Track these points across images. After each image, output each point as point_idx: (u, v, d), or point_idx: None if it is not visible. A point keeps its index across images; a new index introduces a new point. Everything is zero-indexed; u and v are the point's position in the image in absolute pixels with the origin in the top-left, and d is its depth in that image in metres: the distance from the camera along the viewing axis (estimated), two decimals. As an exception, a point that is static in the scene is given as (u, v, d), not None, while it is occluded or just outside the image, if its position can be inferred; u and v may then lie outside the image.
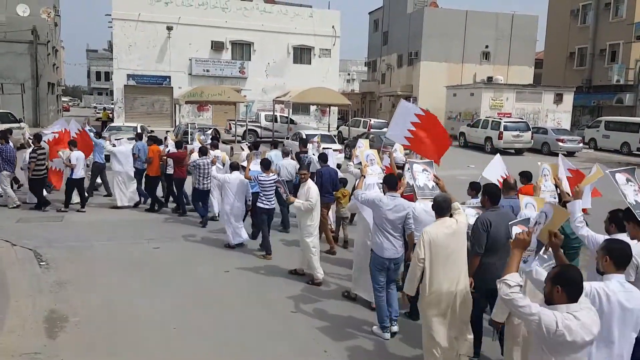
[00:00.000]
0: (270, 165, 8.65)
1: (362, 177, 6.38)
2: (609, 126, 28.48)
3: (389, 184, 5.73)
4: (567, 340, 2.88)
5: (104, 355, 5.25)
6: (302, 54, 36.06)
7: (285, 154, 10.82)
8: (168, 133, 14.07)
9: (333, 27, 36.17)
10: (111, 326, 5.84)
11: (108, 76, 74.48)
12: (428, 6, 41.01)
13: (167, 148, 11.56)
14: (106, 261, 8.12)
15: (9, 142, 11.60)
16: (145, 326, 5.89)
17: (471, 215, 5.68)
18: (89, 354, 5.27)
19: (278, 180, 7.88)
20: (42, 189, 11.37)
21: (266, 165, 8.49)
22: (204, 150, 10.37)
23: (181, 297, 6.77)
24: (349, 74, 71.34)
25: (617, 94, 33.97)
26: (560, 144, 25.69)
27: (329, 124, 33.43)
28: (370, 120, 29.47)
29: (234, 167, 9.13)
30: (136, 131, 16.62)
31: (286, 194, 7.39)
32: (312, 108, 36.03)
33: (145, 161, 11.36)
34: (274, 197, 8.49)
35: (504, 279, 3.16)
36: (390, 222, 5.55)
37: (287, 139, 21.09)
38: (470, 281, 4.87)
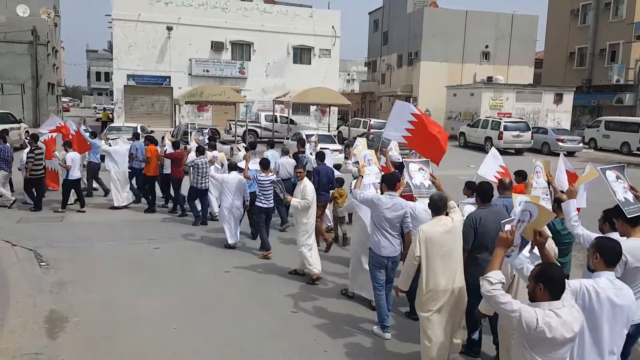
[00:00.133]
0: (269, 164, 8.74)
1: (360, 177, 6.39)
2: (609, 126, 28.51)
3: (387, 183, 5.75)
4: (547, 336, 2.92)
5: (105, 355, 5.26)
6: (302, 54, 36.07)
7: (285, 152, 10.82)
8: (165, 133, 14.08)
9: (333, 27, 36.20)
10: (111, 326, 5.85)
11: (108, 76, 74.52)
12: (428, 6, 41.01)
13: (165, 148, 11.57)
14: (106, 261, 8.14)
15: (6, 142, 11.65)
16: (145, 326, 5.90)
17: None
18: (89, 354, 5.28)
19: (273, 180, 7.97)
20: (33, 189, 11.33)
21: (265, 164, 8.58)
22: (202, 150, 10.42)
23: (181, 297, 6.78)
24: (348, 74, 71.33)
25: (617, 94, 33.98)
26: (560, 143, 25.69)
27: (329, 124, 33.45)
28: (370, 121, 29.48)
29: (232, 168, 9.21)
30: (135, 131, 16.62)
31: (283, 193, 7.45)
32: (312, 108, 36.06)
33: (143, 161, 11.38)
34: (272, 196, 8.56)
35: (486, 276, 3.22)
36: (388, 220, 5.58)
37: (287, 139, 21.10)
38: None
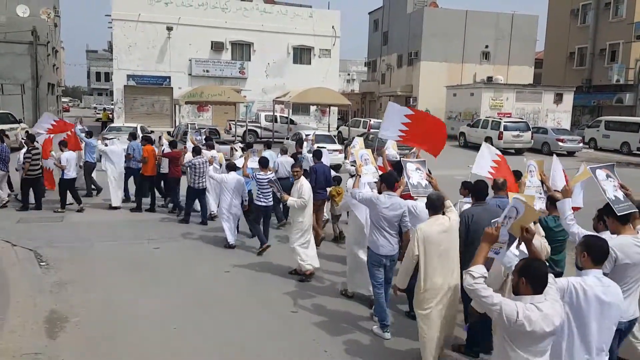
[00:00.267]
0: (268, 163, 8.85)
1: (358, 176, 6.45)
2: (609, 126, 28.49)
3: (386, 183, 5.80)
4: (527, 330, 2.98)
5: (105, 355, 5.26)
6: (302, 54, 36.05)
7: (284, 151, 10.84)
8: (163, 133, 14.11)
9: (333, 27, 36.17)
10: (111, 326, 5.85)
11: (108, 77, 74.49)
12: (428, 6, 41.01)
13: (162, 147, 11.59)
14: (106, 261, 8.13)
15: (4, 141, 11.67)
16: (145, 326, 5.90)
17: None
18: (89, 354, 5.28)
19: (270, 179, 8.06)
20: (30, 189, 11.30)
21: (264, 163, 8.68)
22: (198, 150, 10.47)
23: (181, 297, 6.78)
24: (348, 74, 71.31)
25: (617, 94, 33.98)
26: (560, 143, 25.69)
27: (328, 124, 33.45)
28: (370, 121, 29.48)
29: (231, 167, 9.27)
30: (135, 131, 16.59)
31: (280, 192, 7.53)
32: (312, 108, 36.04)
33: (141, 161, 11.39)
34: (271, 195, 8.62)
35: (468, 270, 3.27)
36: (386, 220, 5.64)
37: (287, 139, 21.09)
38: None
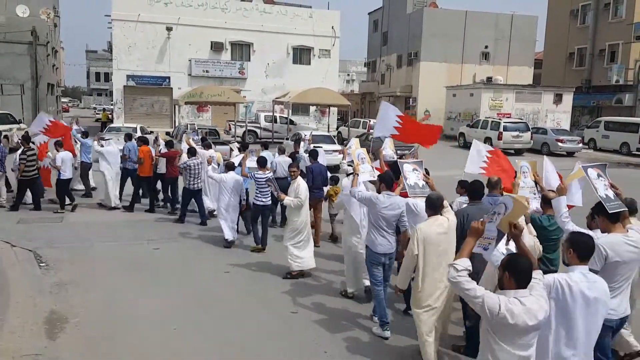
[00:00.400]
0: (266, 163, 8.94)
1: (356, 175, 6.51)
2: (608, 126, 28.49)
3: (385, 182, 5.90)
4: (509, 322, 3.03)
5: (104, 356, 5.25)
6: (301, 55, 36.05)
7: (281, 151, 10.90)
8: (158, 133, 14.12)
9: (332, 27, 36.18)
10: (111, 327, 5.85)
11: (108, 77, 74.50)
12: (427, 6, 41.01)
13: (159, 147, 11.59)
14: (106, 262, 8.13)
15: (0, 142, 11.68)
16: (145, 326, 5.90)
17: None
18: (89, 354, 5.27)
19: (268, 179, 8.13)
20: (27, 190, 11.31)
21: (262, 163, 8.75)
22: (193, 151, 10.50)
23: (181, 297, 6.78)
24: (348, 75, 71.38)
25: (616, 94, 34.00)
26: (560, 144, 25.69)
27: (328, 124, 33.47)
28: (370, 121, 29.42)
29: (229, 167, 9.34)
30: (135, 132, 16.63)
31: (277, 191, 7.60)
32: (312, 109, 36.04)
33: (137, 162, 11.41)
34: (269, 194, 8.66)
35: (452, 262, 3.31)
36: (385, 219, 5.74)
37: (286, 139, 21.10)
38: None
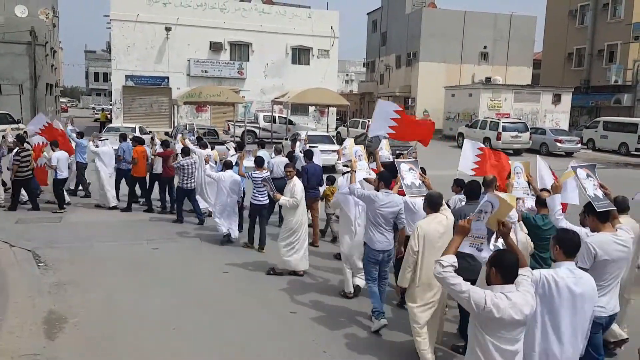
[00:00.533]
0: (264, 162, 8.98)
1: (353, 171, 6.58)
2: (607, 126, 28.51)
3: (384, 181, 6.01)
4: (495, 316, 3.09)
5: (104, 356, 5.24)
6: (300, 55, 36.04)
7: (278, 151, 10.92)
8: (155, 133, 14.12)
9: (332, 27, 36.18)
10: (110, 327, 5.84)
11: (106, 77, 74.38)
12: (426, 7, 41.06)
13: (156, 147, 11.58)
14: (105, 262, 8.12)
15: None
16: (145, 326, 5.89)
17: None
18: (88, 354, 5.26)
19: (264, 178, 8.17)
20: (20, 190, 11.27)
21: (259, 163, 8.79)
22: (187, 151, 10.54)
23: (181, 297, 6.77)
24: (347, 75, 71.35)
25: (615, 95, 34.04)
26: (559, 144, 25.72)
27: (327, 124, 33.45)
28: (369, 121, 29.39)
29: (227, 166, 9.37)
30: (134, 132, 16.60)
31: (272, 191, 7.64)
32: (311, 109, 36.02)
33: (131, 162, 11.39)
34: (266, 193, 8.68)
35: (439, 259, 3.37)
36: (383, 217, 5.84)
37: (285, 139, 21.07)
38: None
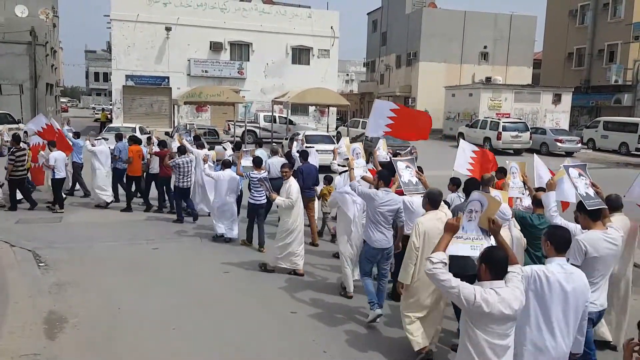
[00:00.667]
0: (262, 163, 9.01)
1: (351, 169, 6.66)
2: (607, 126, 28.51)
3: (383, 180, 6.08)
4: (485, 311, 3.16)
5: (104, 356, 5.24)
6: (300, 55, 36.04)
7: (274, 152, 10.94)
8: (152, 132, 14.16)
9: (332, 27, 36.17)
10: (111, 327, 5.84)
11: (107, 77, 74.41)
12: (427, 7, 41.06)
13: (153, 146, 11.59)
14: (106, 262, 8.12)
15: None
16: (145, 326, 5.89)
17: None
18: (88, 354, 5.26)
19: (260, 178, 8.22)
20: (16, 190, 11.25)
21: (258, 162, 8.83)
22: (183, 150, 10.59)
23: (181, 297, 6.77)
24: (347, 75, 71.38)
25: (615, 94, 34.03)
26: (559, 144, 25.71)
27: (327, 124, 33.45)
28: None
29: (226, 165, 9.41)
30: (134, 132, 16.60)
31: (268, 191, 7.70)
32: (311, 109, 36.03)
33: (126, 161, 11.40)
34: (263, 193, 8.70)
35: (429, 256, 3.45)
36: (382, 215, 5.90)
37: (285, 139, 21.07)
38: None
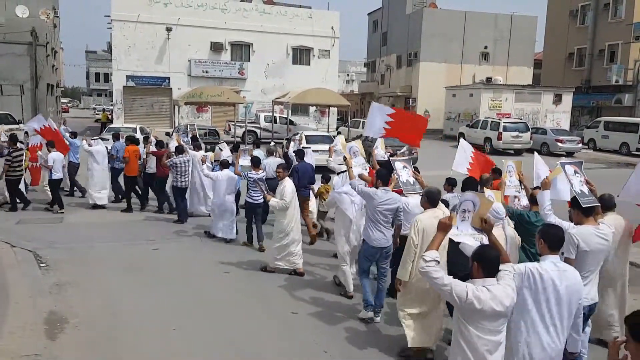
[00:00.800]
0: (260, 163, 9.07)
1: (350, 168, 6.72)
2: (608, 126, 28.48)
3: (382, 179, 6.11)
4: (477, 308, 3.23)
5: (104, 356, 5.25)
6: (301, 55, 36.05)
7: (270, 152, 10.96)
8: (151, 132, 14.18)
9: (332, 28, 36.18)
10: (111, 327, 5.85)
11: (107, 77, 74.49)
12: (427, 7, 41.04)
13: (150, 146, 11.61)
14: (106, 262, 8.13)
15: None
16: (145, 327, 5.89)
17: None
18: (89, 355, 5.27)
19: (255, 179, 8.28)
20: (16, 190, 11.25)
21: (256, 163, 8.89)
22: (180, 149, 10.60)
23: (181, 297, 6.78)
24: (348, 75, 71.41)
25: (616, 95, 34.01)
26: (560, 144, 25.68)
27: (328, 124, 33.46)
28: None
29: (224, 165, 9.45)
30: (135, 132, 16.61)
31: (265, 192, 7.78)
32: (312, 109, 36.03)
33: (122, 161, 11.43)
34: (261, 193, 8.67)
35: (422, 254, 3.51)
36: (382, 213, 5.94)
37: (286, 139, 21.07)
38: None
